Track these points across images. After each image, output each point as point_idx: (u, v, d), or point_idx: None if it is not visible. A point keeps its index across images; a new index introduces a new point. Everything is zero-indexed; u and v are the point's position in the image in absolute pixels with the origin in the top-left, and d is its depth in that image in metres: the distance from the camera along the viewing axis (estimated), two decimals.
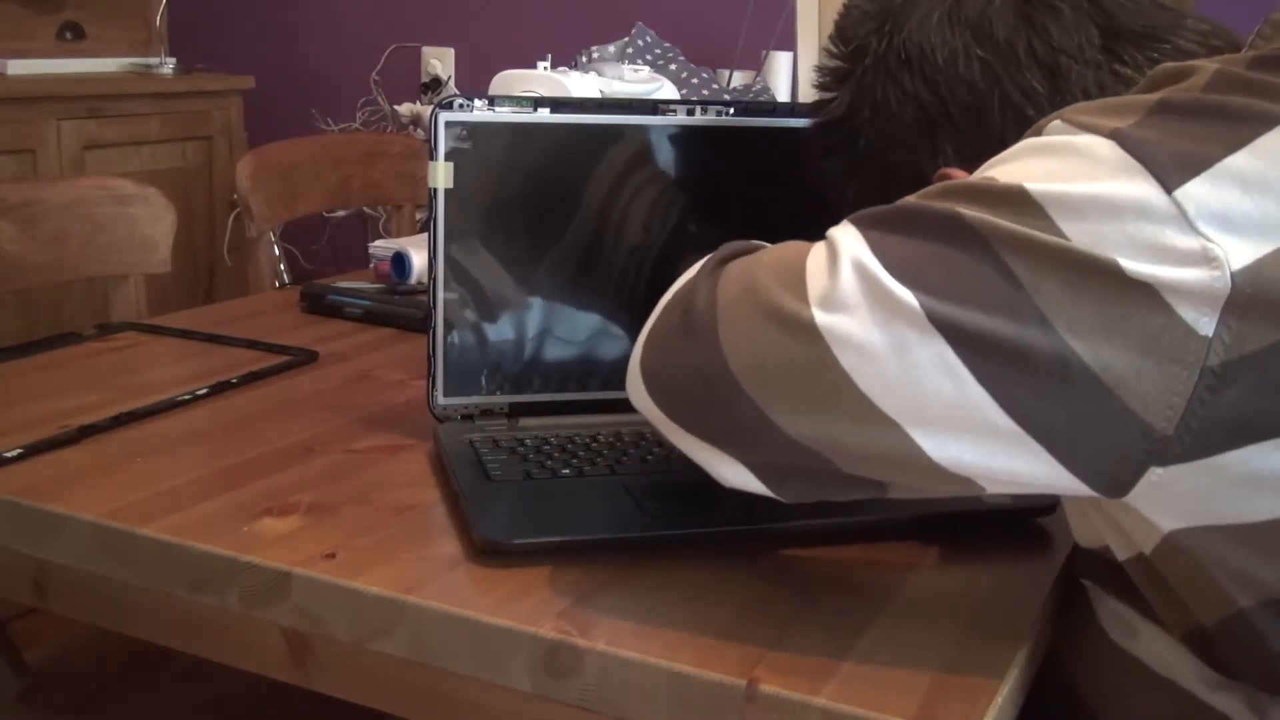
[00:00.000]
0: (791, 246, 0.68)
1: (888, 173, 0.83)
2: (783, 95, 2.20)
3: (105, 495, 0.84)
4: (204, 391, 1.07)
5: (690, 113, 0.96)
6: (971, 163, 0.75)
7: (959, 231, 0.60)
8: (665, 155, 0.96)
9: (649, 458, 0.90)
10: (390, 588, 0.72)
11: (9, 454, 0.90)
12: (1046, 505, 0.86)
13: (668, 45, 2.09)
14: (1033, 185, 0.60)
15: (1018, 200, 0.60)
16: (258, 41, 3.12)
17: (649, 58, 2.02)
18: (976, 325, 0.59)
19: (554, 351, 0.97)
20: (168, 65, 2.89)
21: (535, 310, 0.96)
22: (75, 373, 1.13)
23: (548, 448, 0.91)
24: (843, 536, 0.81)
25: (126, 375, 1.12)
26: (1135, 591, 0.69)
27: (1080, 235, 0.58)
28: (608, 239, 0.96)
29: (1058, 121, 0.64)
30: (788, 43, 1.86)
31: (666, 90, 1.65)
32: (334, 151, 2.05)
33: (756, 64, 2.25)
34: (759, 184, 0.98)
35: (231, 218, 2.86)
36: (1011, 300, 0.58)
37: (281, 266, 2.69)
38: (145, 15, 3.02)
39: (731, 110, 0.97)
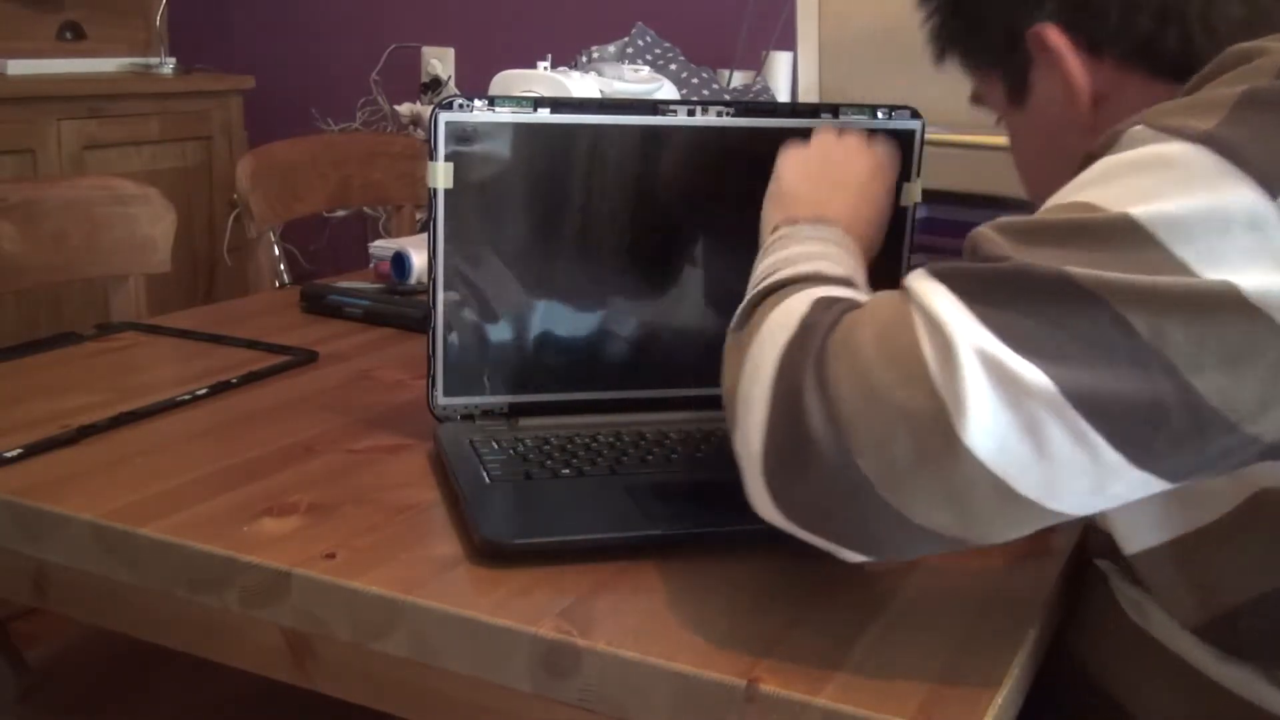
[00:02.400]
0: (890, 323, 0.62)
1: (979, 26, 0.82)
2: (783, 95, 2.20)
3: (105, 495, 0.84)
4: (204, 391, 1.07)
5: (690, 113, 0.96)
6: (1072, 30, 0.74)
7: (1072, 294, 0.58)
8: (665, 155, 0.96)
9: (649, 458, 0.90)
10: (390, 588, 0.72)
11: (9, 454, 0.90)
12: None
13: (668, 45, 2.09)
14: (1138, 211, 0.59)
15: (1126, 233, 0.59)
16: (258, 41, 3.12)
17: (649, 58, 2.02)
18: (1104, 389, 0.58)
19: (554, 351, 0.97)
20: (168, 65, 2.88)
21: (535, 310, 0.96)
22: (75, 373, 1.13)
23: (548, 448, 0.91)
24: None
25: (126, 375, 1.12)
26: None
27: (1195, 259, 0.58)
28: (607, 239, 0.96)
29: (1140, 127, 0.63)
30: (788, 43, 1.86)
31: (666, 90, 1.65)
32: (334, 151, 2.05)
33: (756, 64, 2.25)
34: (759, 184, 0.98)
35: (231, 218, 2.86)
36: (1136, 355, 0.58)
37: (281, 266, 2.69)
38: (145, 15, 3.01)
39: (731, 110, 0.97)
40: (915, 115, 1.01)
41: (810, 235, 0.79)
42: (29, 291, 2.39)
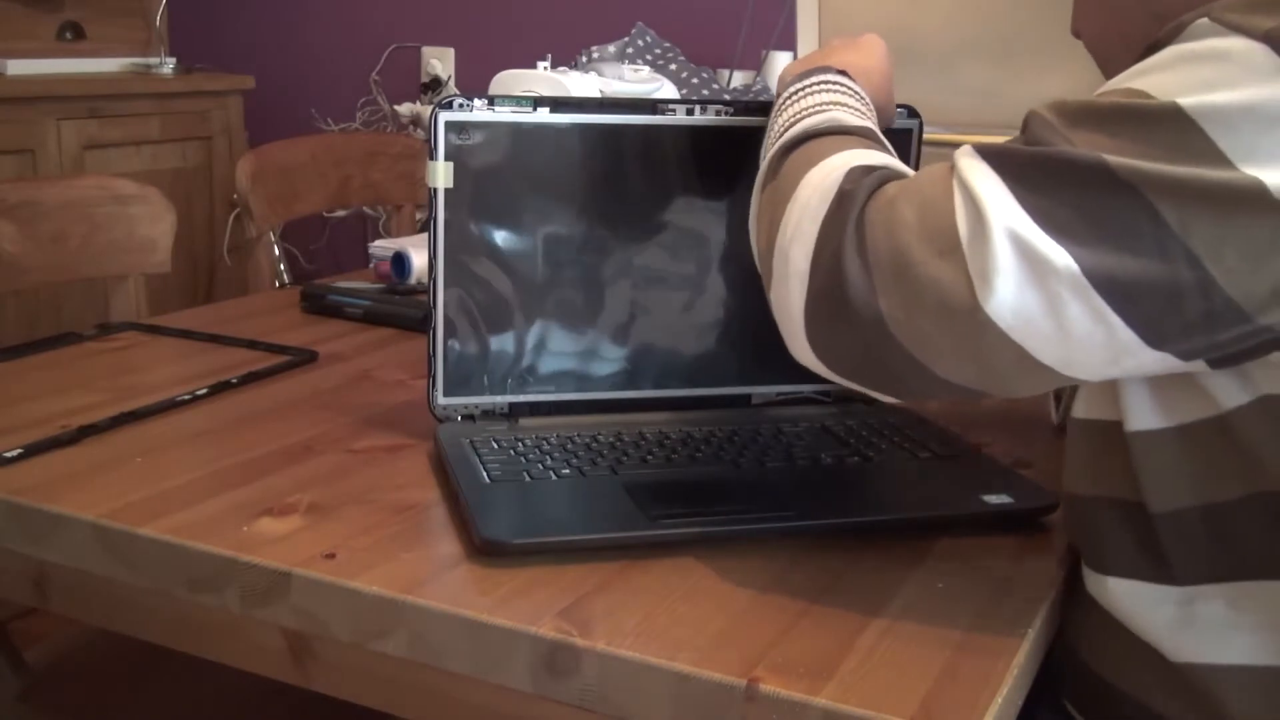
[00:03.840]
0: (932, 197, 0.66)
1: None
2: None
3: (105, 495, 0.84)
4: (204, 391, 1.07)
5: (690, 113, 0.96)
6: None
7: (1107, 182, 0.62)
8: (665, 155, 0.96)
9: (649, 458, 0.90)
10: (390, 588, 0.72)
11: (9, 454, 0.90)
12: (1047, 505, 0.86)
13: (668, 45, 2.09)
14: (1187, 100, 0.62)
15: (1171, 121, 0.62)
16: (258, 41, 3.12)
17: (649, 58, 2.02)
18: (1126, 273, 0.62)
19: (554, 352, 0.97)
20: (168, 65, 2.88)
21: (535, 311, 0.96)
22: (75, 373, 1.13)
23: (548, 448, 0.91)
24: (843, 536, 0.81)
25: (126, 375, 1.12)
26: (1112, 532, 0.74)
27: (1233, 150, 0.60)
28: (607, 239, 0.96)
29: (1205, 20, 0.65)
30: (788, 43, 1.86)
31: (666, 90, 1.65)
32: (334, 151, 2.05)
33: (756, 64, 2.25)
34: None
35: (231, 218, 2.86)
36: (1161, 243, 0.61)
37: (281, 266, 2.69)
38: (145, 15, 3.01)
39: (731, 110, 0.97)
40: (913, 114, 1.01)
41: (822, 85, 0.84)
42: (29, 291, 2.39)
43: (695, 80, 1.97)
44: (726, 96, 2.02)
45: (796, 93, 0.84)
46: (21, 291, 2.33)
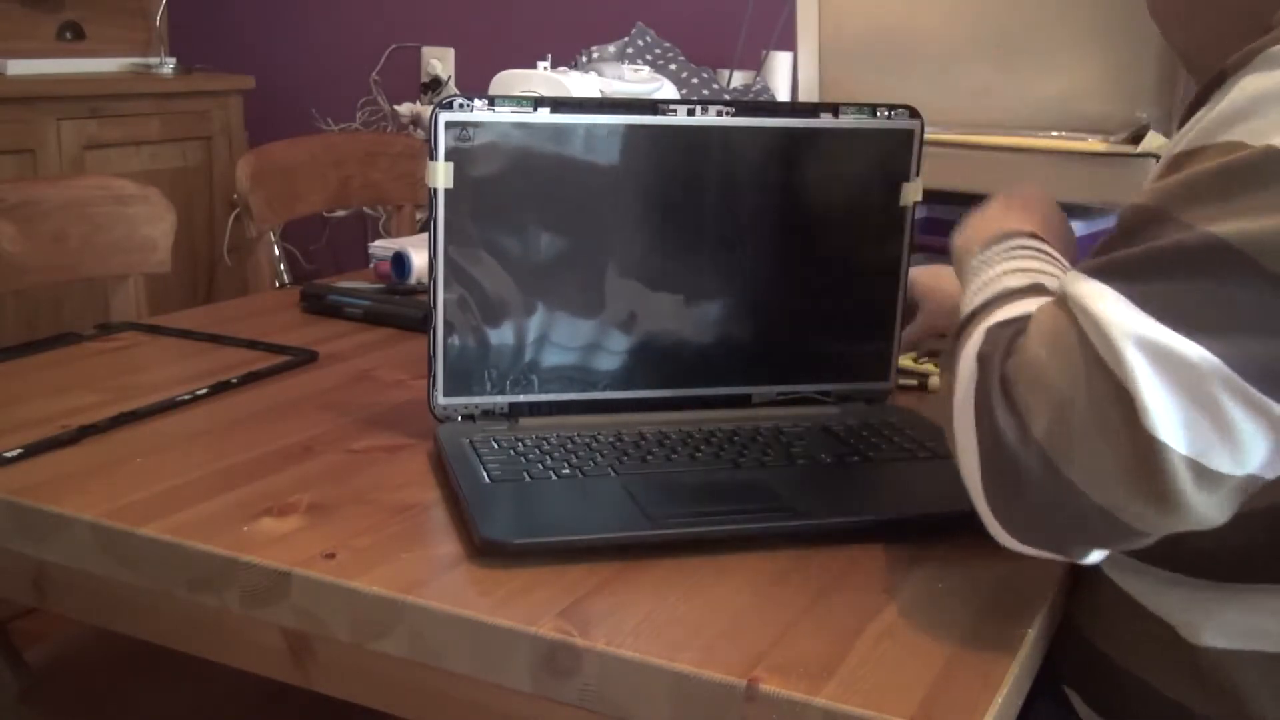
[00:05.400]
0: (1054, 332, 0.63)
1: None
2: (783, 95, 2.20)
3: (105, 495, 0.84)
4: (204, 391, 1.07)
5: (690, 113, 0.96)
6: None
7: (1226, 260, 0.59)
8: (665, 155, 0.96)
9: (649, 458, 0.90)
10: (390, 588, 0.72)
11: (9, 454, 0.90)
12: None
13: (668, 45, 2.09)
14: None
15: (1275, 165, 0.59)
16: (258, 41, 3.12)
17: (649, 58, 2.02)
18: (1270, 354, 0.59)
19: (554, 352, 0.97)
20: (168, 65, 2.88)
21: (535, 310, 0.96)
22: (75, 373, 1.13)
23: (548, 448, 0.91)
24: (843, 536, 0.81)
25: (126, 375, 1.12)
26: None
27: None
28: (607, 239, 0.96)
29: (1278, 48, 0.63)
30: (788, 43, 1.86)
31: (666, 90, 1.65)
32: (334, 151, 2.05)
33: (756, 64, 2.25)
34: (759, 184, 0.98)
35: (231, 218, 2.86)
36: None
37: (281, 266, 2.69)
38: (145, 15, 3.01)
39: (731, 110, 0.97)
40: (914, 115, 1.01)
41: (995, 255, 0.81)
42: (29, 291, 2.39)
43: (695, 80, 1.97)
44: (726, 96, 2.02)
45: (974, 267, 0.81)
46: (21, 291, 2.33)
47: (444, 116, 0.90)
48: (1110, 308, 0.61)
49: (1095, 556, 0.67)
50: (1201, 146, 0.65)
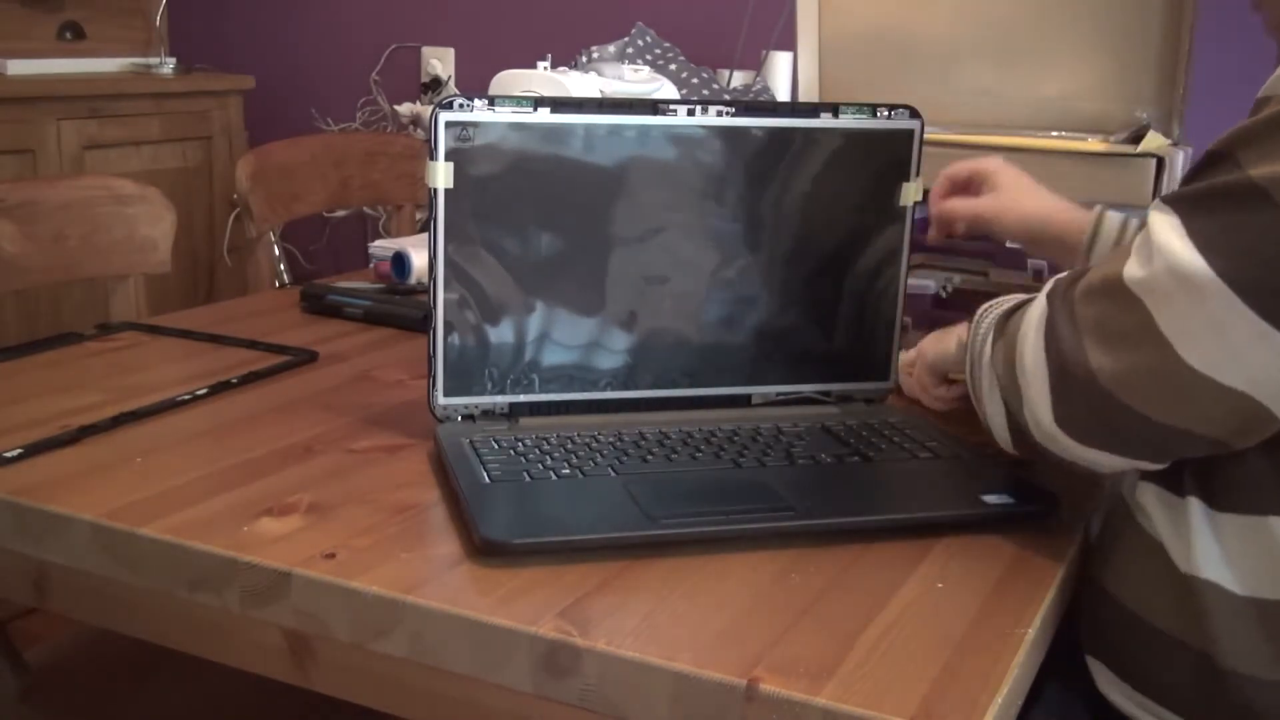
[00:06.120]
0: (1114, 257, 0.75)
1: None
2: (783, 95, 2.20)
3: (105, 495, 0.84)
4: (204, 391, 1.07)
5: (690, 113, 0.96)
6: None
7: (1249, 194, 0.68)
8: (665, 155, 0.96)
9: (649, 458, 0.90)
10: (390, 588, 0.72)
11: (9, 454, 0.90)
12: (1047, 505, 0.86)
13: (668, 45, 2.09)
14: None
15: None
16: (258, 41, 3.12)
17: (649, 58, 2.02)
18: (1274, 284, 0.67)
19: (554, 352, 0.97)
20: (168, 65, 2.88)
21: (535, 310, 0.96)
22: (75, 373, 1.13)
23: (548, 448, 0.91)
24: (843, 536, 0.81)
25: (126, 375, 1.12)
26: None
27: None
28: (608, 239, 0.96)
29: None
30: (788, 43, 1.86)
31: (666, 90, 1.65)
32: (334, 151, 2.05)
33: (756, 64, 2.25)
34: (759, 184, 0.98)
35: (231, 218, 2.86)
36: None
37: (281, 266, 2.69)
38: (145, 15, 3.01)
39: (731, 110, 0.97)
40: (914, 115, 1.01)
41: (998, 305, 0.90)
42: (29, 291, 2.39)
43: (695, 80, 1.97)
44: (726, 96, 2.02)
45: (986, 315, 0.90)
46: (21, 291, 2.33)
47: (444, 116, 0.90)
48: (1167, 233, 0.71)
49: (1150, 465, 0.77)
50: (1271, 95, 0.72)
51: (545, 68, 1.56)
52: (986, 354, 0.85)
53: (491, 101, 0.91)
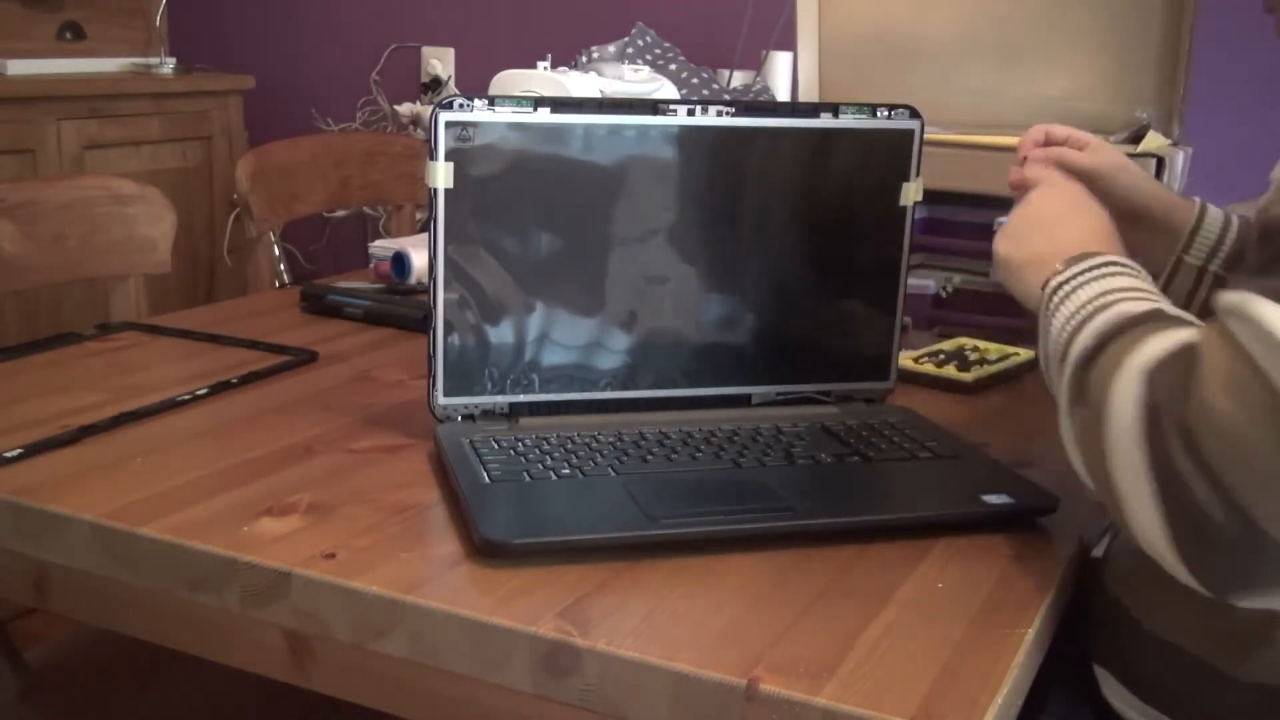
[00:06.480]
0: (1235, 375, 0.63)
1: None
2: (783, 95, 2.20)
3: (105, 495, 0.84)
4: (204, 391, 1.07)
5: (690, 113, 0.96)
6: None
7: None
8: (665, 155, 0.96)
9: (649, 458, 0.90)
10: (390, 588, 0.72)
11: (9, 454, 0.90)
12: (1047, 505, 0.86)
13: (668, 45, 2.09)
14: None
15: None
16: (258, 41, 3.12)
17: (649, 58, 2.02)
18: None
19: (554, 352, 0.97)
20: (168, 65, 2.88)
21: (535, 311, 0.96)
22: (75, 373, 1.13)
23: (548, 448, 0.91)
24: (843, 536, 0.81)
25: (126, 375, 1.12)
26: None
27: None
28: (608, 239, 0.96)
29: None
30: (788, 43, 1.86)
31: (666, 90, 1.65)
32: (334, 151, 2.05)
33: (756, 64, 2.25)
34: (759, 184, 0.98)
35: (231, 218, 2.86)
36: None
37: (281, 266, 2.69)
38: (145, 15, 3.01)
39: (731, 110, 0.97)
40: (914, 115, 1.01)
41: (1082, 278, 0.80)
42: (29, 291, 2.39)
43: (695, 80, 1.97)
44: (726, 96, 2.02)
45: (1058, 296, 0.80)
46: (21, 291, 2.33)
47: (444, 116, 0.90)
48: (1265, 309, 0.62)
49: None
50: None
51: (545, 68, 1.56)
52: (1063, 400, 0.75)
53: (491, 101, 0.91)
